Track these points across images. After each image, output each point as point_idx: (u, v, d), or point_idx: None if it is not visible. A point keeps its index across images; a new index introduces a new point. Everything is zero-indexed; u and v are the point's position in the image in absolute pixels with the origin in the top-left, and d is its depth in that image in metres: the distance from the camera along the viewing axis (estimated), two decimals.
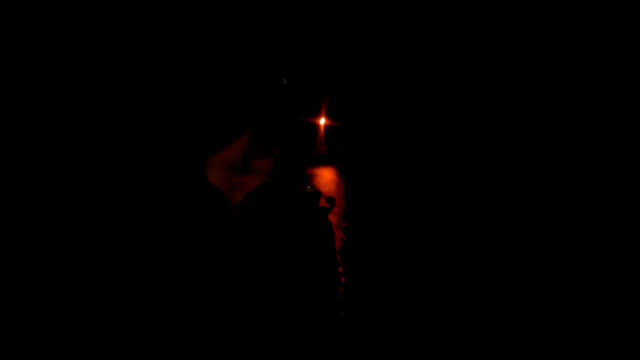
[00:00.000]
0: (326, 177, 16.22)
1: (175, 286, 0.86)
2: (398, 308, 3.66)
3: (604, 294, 3.41)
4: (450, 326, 3.28)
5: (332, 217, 8.15)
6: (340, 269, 4.62)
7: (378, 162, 16.38)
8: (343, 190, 12.25)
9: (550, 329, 3.09)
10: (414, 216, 7.75)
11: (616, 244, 4.14)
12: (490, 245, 5.54)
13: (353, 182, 13.93)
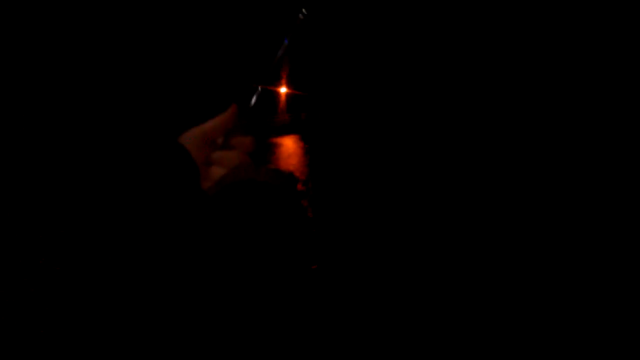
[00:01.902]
0: (288, 146, 16.08)
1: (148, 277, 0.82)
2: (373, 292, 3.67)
3: (604, 294, 3.47)
4: (437, 321, 3.29)
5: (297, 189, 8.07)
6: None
7: (340, 130, 16.33)
8: (306, 159, 12.18)
9: (550, 329, 3.13)
10: (382, 191, 7.79)
11: (616, 244, 4.21)
12: (465, 227, 5.61)
13: (316, 150, 13.86)
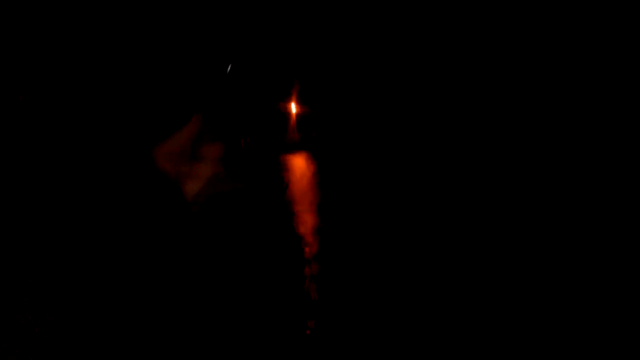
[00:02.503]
0: (299, 164, 16.14)
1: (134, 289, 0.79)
2: (376, 303, 3.62)
3: (604, 294, 3.42)
4: (438, 324, 3.26)
5: (306, 206, 8.08)
6: (311, 266, 4.56)
7: (350, 148, 16.37)
8: (316, 177, 12.19)
9: (550, 329, 3.10)
10: (392, 204, 7.74)
11: (616, 244, 4.17)
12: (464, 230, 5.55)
13: (326, 168, 13.89)
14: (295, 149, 21.09)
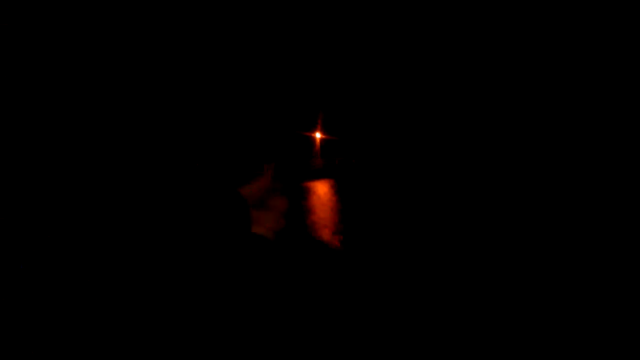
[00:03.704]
0: (322, 191, 16.18)
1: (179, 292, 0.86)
2: (396, 323, 3.63)
3: (604, 294, 3.39)
4: (448, 329, 3.26)
5: (328, 232, 8.12)
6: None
7: (374, 175, 16.37)
8: (339, 204, 12.21)
9: (550, 329, 3.10)
10: (413, 231, 7.73)
11: (616, 244, 4.13)
12: (490, 256, 5.52)
13: (349, 195, 13.90)
14: (319, 175, 21.17)
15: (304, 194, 14.72)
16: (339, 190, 15.19)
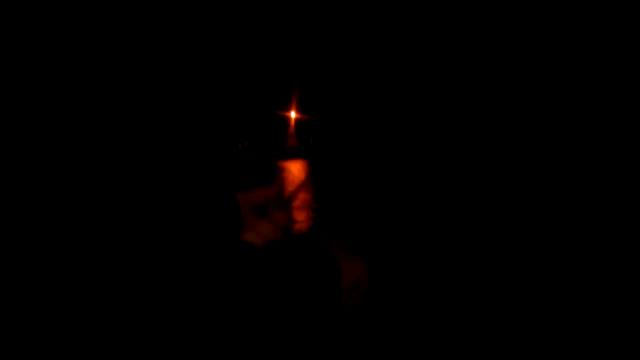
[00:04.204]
0: (295, 171, 16.16)
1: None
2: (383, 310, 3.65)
3: (604, 294, 3.45)
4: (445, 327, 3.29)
5: (302, 210, 8.13)
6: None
7: (348, 155, 16.40)
8: (312, 184, 12.21)
9: (550, 329, 3.15)
10: (390, 211, 7.78)
11: (616, 244, 4.19)
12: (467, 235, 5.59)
13: (323, 175, 13.91)
14: (292, 155, 21.13)
15: (276, 173, 14.67)
16: (312, 170, 15.19)
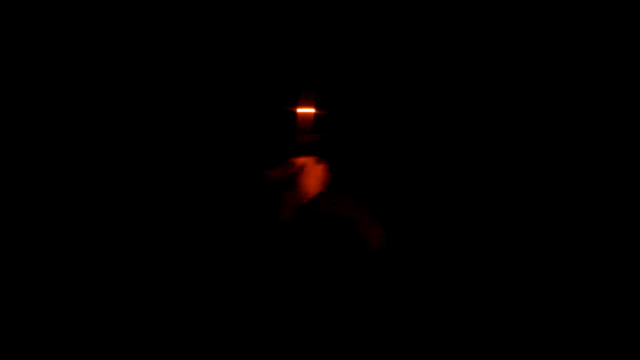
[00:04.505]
0: (310, 166, 16.02)
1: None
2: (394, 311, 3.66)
3: (604, 294, 3.45)
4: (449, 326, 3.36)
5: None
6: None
7: (363, 151, 16.23)
8: (328, 179, 12.13)
9: (550, 329, 3.24)
10: (400, 205, 7.73)
11: (616, 244, 4.18)
12: (486, 244, 5.55)
13: (338, 170, 13.79)
14: (308, 150, 20.99)
15: (294, 168, 14.57)
16: (327, 166, 15.08)
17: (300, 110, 3.28)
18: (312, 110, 3.46)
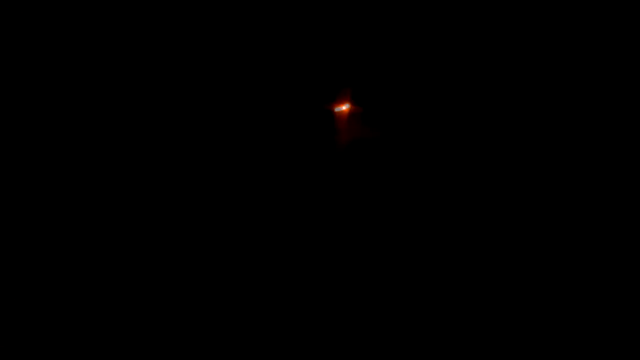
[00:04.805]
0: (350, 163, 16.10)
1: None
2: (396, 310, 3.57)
3: (604, 294, 3.41)
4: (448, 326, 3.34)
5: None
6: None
7: (398, 150, 16.21)
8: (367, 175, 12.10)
9: (550, 329, 3.18)
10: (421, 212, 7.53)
11: (616, 244, 4.11)
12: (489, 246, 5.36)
13: (373, 168, 13.78)
14: (346, 149, 21.16)
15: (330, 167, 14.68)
16: (365, 163, 15.15)
17: (342, 108, 3.23)
18: (353, 108, 3.43)
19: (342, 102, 3.29)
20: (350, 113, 3.53)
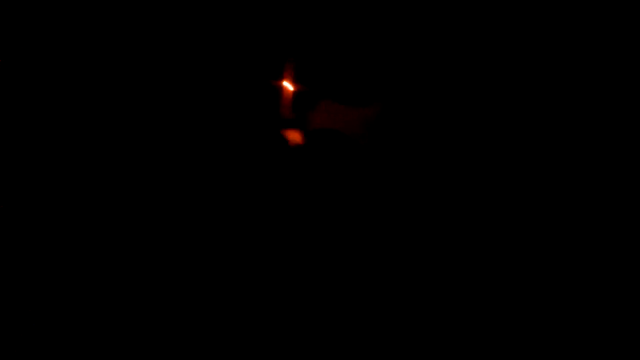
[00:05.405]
0: (293, 140, 15.74)
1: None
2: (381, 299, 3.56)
3: (604, 294, 3.46)
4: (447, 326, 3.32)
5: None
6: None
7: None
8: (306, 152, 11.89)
9: (550, 329, 3.17)
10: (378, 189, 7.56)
11: (616, 244, 4.00)
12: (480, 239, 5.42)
13: (314, 143, 13.49)
14: (290, 125, 20.71)
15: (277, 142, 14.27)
16: (306, 139, 14.78)
17: (285, 84, 3.19)
18: (297, 85, 3.36)
19: (289, 79, 3.28)
20: (296, 90, 3.62)
